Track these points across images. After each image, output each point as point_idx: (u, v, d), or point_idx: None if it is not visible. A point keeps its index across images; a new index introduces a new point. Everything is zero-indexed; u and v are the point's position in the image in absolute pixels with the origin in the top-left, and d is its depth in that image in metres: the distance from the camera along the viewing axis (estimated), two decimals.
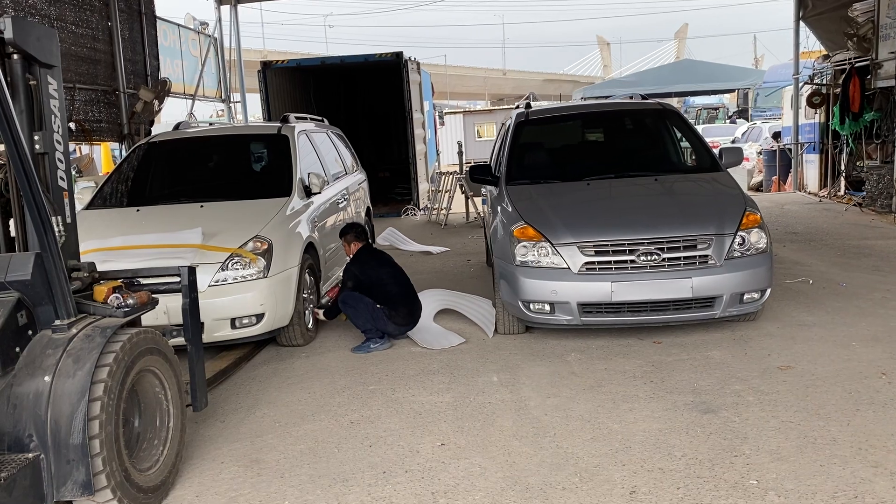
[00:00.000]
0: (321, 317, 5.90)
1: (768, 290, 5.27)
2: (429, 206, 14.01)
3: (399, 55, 13.68)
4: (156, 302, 3.65)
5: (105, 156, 14.06)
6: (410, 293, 5.80)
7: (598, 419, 4.05)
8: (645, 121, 6.97)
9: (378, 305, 5.50)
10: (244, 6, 16.50)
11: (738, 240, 5.18)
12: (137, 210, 5.96)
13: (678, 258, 5.07)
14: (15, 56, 3.39)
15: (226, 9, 15.71)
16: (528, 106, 7.15)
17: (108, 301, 3.38)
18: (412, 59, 14.22)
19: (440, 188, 13.44)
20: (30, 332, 3.12)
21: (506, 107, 37.86)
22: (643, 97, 7.36)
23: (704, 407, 4.14)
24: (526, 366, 5.00)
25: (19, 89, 3.41)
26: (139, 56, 11.65)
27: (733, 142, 20.26)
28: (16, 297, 3.06)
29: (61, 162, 3.59)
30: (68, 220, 3.62)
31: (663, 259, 5.05)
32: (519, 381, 4.72)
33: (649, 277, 5.02)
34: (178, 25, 14.01)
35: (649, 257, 5.04)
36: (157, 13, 12.32)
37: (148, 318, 4.56)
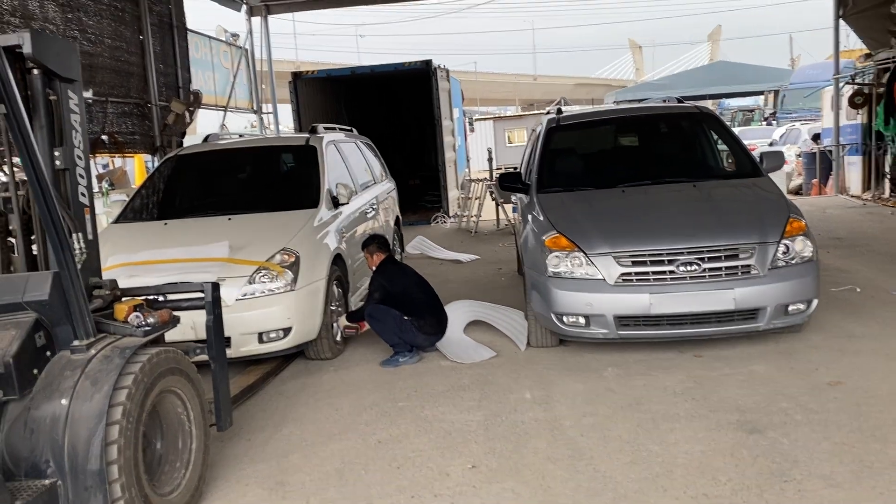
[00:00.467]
0: (343, 321, 5.75)
1: (815, 301, 5.02)
2: (459, 213, 13.87)
3: (428, 63, 13.60)
4: (177, 320, 3.56)
5: (139, 168, 14.18)
6: (436, 302, 5.68)
7: (638, 440, 3.86)
8: (681, 125, 6.74)
9: (406, 317, 5.38)
10: (275, 17, 16.57)
11: (781, 248, 4.94)
12: (165, 224, 5.92)
13: (719, 268, 4.85)
14: (35, 71, 3.33)
15: (257, 20, 15.78)
16: (559, 111, 6.97)
17: (129, 320, 3.29)
18: (441, 66, 14.13)
19: (470, 195, 13.29)
20: (48, 353, 3.04)
21: (536, 112, 37.63)
22: (679, 100, 7.13)
23: (750, 426, 3.92)
24: (560, 381, 4.82)
25: (39, 105, 3.35)
26: (171, 69, 11.71)
27: (771, 144, 19.81)
28: (33, 317, 2.98)
29: (82, 178, 3.52)
30: (90, 237, 3.55)
31: (704, 269, 4.84)
32: (553, 398, 4.55)
33: (689, 289, 4.81)
34: (210, 38, 14.09)
35: (689, 268, 4.83)
36: (189, 26, 12.39)
37: (175, 333, 4.51)
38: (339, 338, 5.79)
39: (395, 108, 17.26)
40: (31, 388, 2.93)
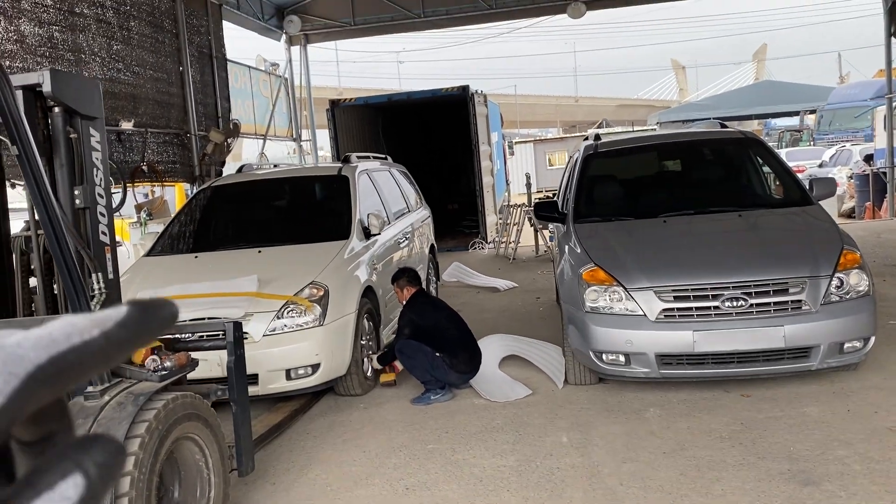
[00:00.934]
0: (375, 364, 5.65)
1: (872, 339, 4.70)
2: (497, 239, 13.69)
3: (465, 89, 13.52)
4: (195, 363, 3.45)
5: (179, 197, 14.35)
6: (469, 338, 5.50)
7: (681, 490, 3.61)
8: (725, 151, 6.46)
9: (437, 354, 5.21)
10: (314, 46, 16.76)
11: (835, 282, 4.64)
12: (196, 257, 5.87)
13: (768, 304, 4.58)
14: (56, 109, 3.30)
15: (296, 49, 15.96)
16: (597, 137, 6.77)
17: (145, 364, 3.19)
18: (479, 91, 14.05)
19: (508, 221, 13.11)
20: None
21: (577, 134, 37.37)
22: (722, 125, 6.87)
23: (804, 477, 3.64)
24: (599, 423, 4.58)
25: (60, 143, 3.32)
26: (210, 98, 11.84)
27: (820, 165, 19.19)
28: None
29: (103, 216, 3.46)
30: (110, 277, 3.48)
31: (751, 305, 4.56)
32: (591, 441, 4.31)
33: (736, 326, 4.54)
34: (249, 67, 14.26)
35: (735, 303, 4.57)
36: (228, 56, 12.55)
37: (202, 370, 4.41)
38: (369, 373, 5.64)
39: (433, 133, 17.27)
40: None
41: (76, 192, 3.33)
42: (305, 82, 16.32)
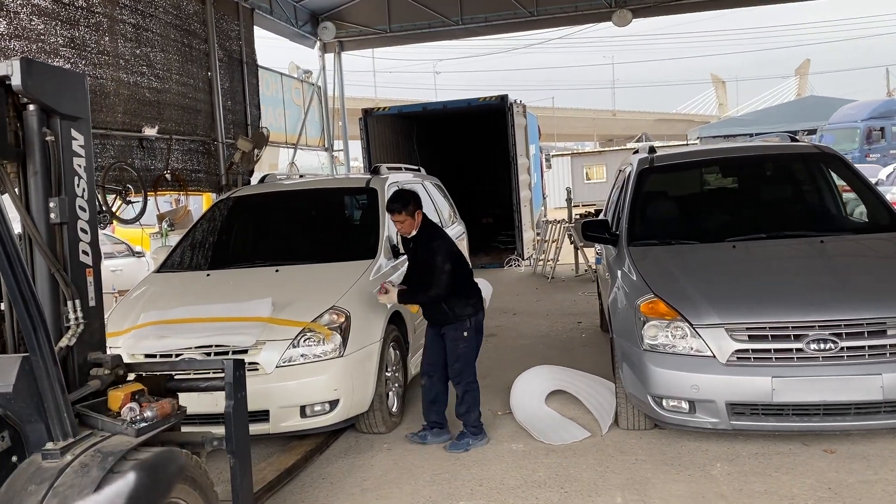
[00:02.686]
0: (394, 296, 4.63)
1: None
2: (534, 256, 13.05)
3: (504, 98, 12.94)
4: (183, 412, 2.90)
5: (206, 206, 14.01)
6: None
7: None
8: (800, 167, 5.73)
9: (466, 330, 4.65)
10: (349, 54, 16.36)
11: None
12: (208, 274, 5.35)
13: (861, 347, 3.88)
14: (30, 107, 2.80)
15: (329, 56, 15.57)
16: (651, 150, 6.11)
17: (122, 413, 2.65)
18: (518, 101, 13.44)
19: (546, 237, 12.45)
20: (14, 459, 2.41)
21: (616, 148, 36.57)
22: (791, 138, 6.17)
23: None
24: (658, 480, 3.93)
25: (34, 146, 2.82)
26: (239, 106, 11.46)
27: (876, 184, 18.20)
28: None
29: (85, 233, 2.96)
30: (92, 304, 2.96)
31: (841, 348, 3.88)
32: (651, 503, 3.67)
33: (822, 372, 3.86)
34: (281, 74, 13.87)
35: (822, 345, 3.89)
36: (260, 62, 12.16)
37: (206, 405, 3.88)
38: (394, 409, 5.05)
39: (469, 144, 16.68)
40: None
41: (51, 205, 2.83)
42: (339, 91, 15.92)
